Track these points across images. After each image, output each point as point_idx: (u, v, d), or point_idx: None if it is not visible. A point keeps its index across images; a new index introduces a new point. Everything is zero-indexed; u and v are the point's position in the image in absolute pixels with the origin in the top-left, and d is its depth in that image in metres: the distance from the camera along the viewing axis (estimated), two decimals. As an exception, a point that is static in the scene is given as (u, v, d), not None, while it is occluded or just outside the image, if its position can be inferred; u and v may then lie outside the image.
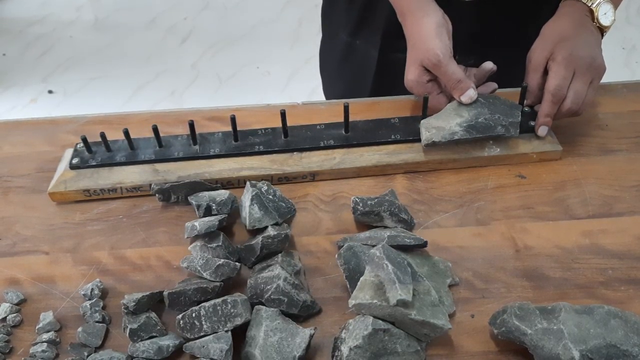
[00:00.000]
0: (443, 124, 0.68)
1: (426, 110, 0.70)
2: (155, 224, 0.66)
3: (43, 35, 2.56)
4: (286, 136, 0.71)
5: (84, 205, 0.69)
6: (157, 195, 0.67)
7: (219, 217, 0.61)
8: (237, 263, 0.57)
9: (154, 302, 0.57)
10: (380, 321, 0.49)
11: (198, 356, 0.52)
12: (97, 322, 0.56)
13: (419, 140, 0.69)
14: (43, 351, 0.54)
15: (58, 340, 0.56)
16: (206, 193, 0.65)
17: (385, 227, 0.63)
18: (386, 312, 0.49)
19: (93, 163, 0.69)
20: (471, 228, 0.64)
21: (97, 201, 0.69)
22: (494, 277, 0.59)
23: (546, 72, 0.68)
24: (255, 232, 0.63)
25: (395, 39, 0.79)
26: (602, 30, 0.69)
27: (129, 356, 0.53)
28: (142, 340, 0.54)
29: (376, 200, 0.63)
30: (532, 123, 0.70)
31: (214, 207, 0.63)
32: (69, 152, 0.72)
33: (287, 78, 0.95)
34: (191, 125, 0.68)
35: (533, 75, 0.69)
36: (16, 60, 2.43)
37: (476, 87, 0.69)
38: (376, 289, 0.50)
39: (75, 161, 0.70)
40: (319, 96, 1.02)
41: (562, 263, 0.60)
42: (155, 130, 0.69)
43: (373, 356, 0.49)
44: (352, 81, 0.93)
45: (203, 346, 0.51)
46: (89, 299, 0.58)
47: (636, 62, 2.25)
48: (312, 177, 0.70)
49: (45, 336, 0.56)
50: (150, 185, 0.67)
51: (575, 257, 0.60)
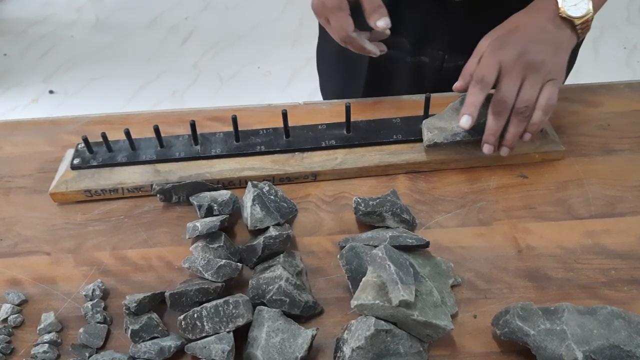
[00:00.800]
0: (445, 125, 0.68)
1: (428, 110, 0.70)
2: (156, 225, 0.66)
3: (44, 35, 2.56)
4: (288, 136, 0.71)
5: (85, 205, 0.69)
6: (159, 195, 0.67)
7: (221, 218, 0.61)
8: (239, 263, 0.57)
9: (156, 303, 0.57)
10: (382, 322, 0.49)
11: (200, 357, 0.52)
12: (99, 323, 0.56)
13: (421, 140, 0.69)
14: (44, 352, 0.54)
15: (59, 341, 0.56)
16: (207, 193, 0.65)
17: (387, 228, 0.62)
18: (388, 313, 0.49)
19: (94, 163, 0.69)
20: (473, 228, 0.63)
21: (99, 201, 0.69)
22: (497, 278, 0.59)
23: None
24: (256, 233, 0.62)
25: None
26: (575, 23, 0.63)
27: (131, 357, 0.53)
28: (144, 341, 0.54)
29: (378, 200, 0.63)
30: None
31: (216, 208, 0.63)
32: (70, 153, 0.72)
33: (288, 78, 0.95)
34: (192, 125, 0.68)
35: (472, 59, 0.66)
36: (17, 60, 2.43)
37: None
38: (378, 290, 0.50)
39: (76, 161, 0.70)
40: (320, 96, 1.03)
41: (565, 263, 0.59)
42: (156, 130, 0.69)
43: (375, 357, 0.49)
44: (347, 79, 0.93)
45: (205, 347, 0.51)
46: (91, 300, 0.58)
47: (638, 62, 2.25)
48: (314, 178, 0.69)
49: (46, 337, 0.55)
50: (151, 185, 0.67)
51: (577, 258, 0.60)
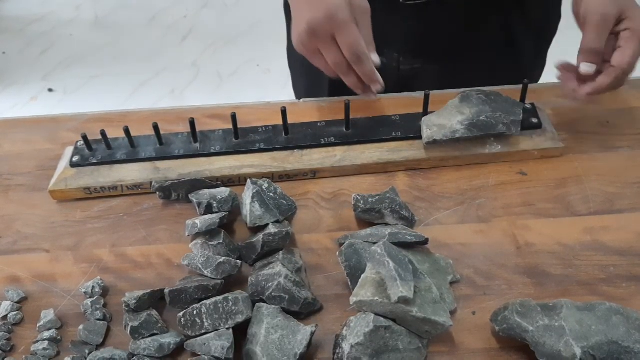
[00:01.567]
0: (444, 122, 0.68)
1: (427, 107, 0.70)
2: (156, 222, 0.66)
3: (43, 33, 2.56)
4: (287, 134, 0.71)
5: (85, 203, 0.69)
6: (158, 193, 0.67)
7: (220, 215, 0.61)
8: (238, 261, 0.57)
9: (155, 300, 0.57)
10: (381, 318, 0.49)
11: (199, 354, 0.52)
12: (98, 320, 0.56)
13: (420, 137, 0.69)
14: (44, 349, 0.54)
15: (59, 338, 0.56)
16: (207, 191, 0.65)
17: (386, 225, 0.62)
18: (387, 310, 0.49)
19: (93, 161, 0.69)
20: (472, 225, 0.63)
21: (98, 199, 0.69)
22: (496, 274, 0.59)
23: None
24: (256, 230, 0.63)
25: None
26: None
27: (130, 354, 0.53)
28: (143, 337, 0.54)
29: (377, 197, 0.63)
30: (534, 120, 0.70)
31: (215, 205, 0.63)
32: (70, 150, 0.72)
33: (288, 75, 0.95)
34: (192, 122, 0.68)
35: (603, 32, 0.60)
36: (16, 58, 2.43)
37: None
38: (377, 286, 0.50)
39: (75, 159, 0.70)
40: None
41: (564, 260, 0.59)
42: (155, 128, 0.68)
43: (374, 353, 0.49)
44: (313, 79, 0.90)
45: (204, 343, 0.51)
46: (90, 297, 0.58)
47: (637, 59, 2.24)
48: (313, 175, 0.69)
49: (46, 334, 0.56)
50: (151, 183, 0.67)
51: (576, 254, 0.60)
